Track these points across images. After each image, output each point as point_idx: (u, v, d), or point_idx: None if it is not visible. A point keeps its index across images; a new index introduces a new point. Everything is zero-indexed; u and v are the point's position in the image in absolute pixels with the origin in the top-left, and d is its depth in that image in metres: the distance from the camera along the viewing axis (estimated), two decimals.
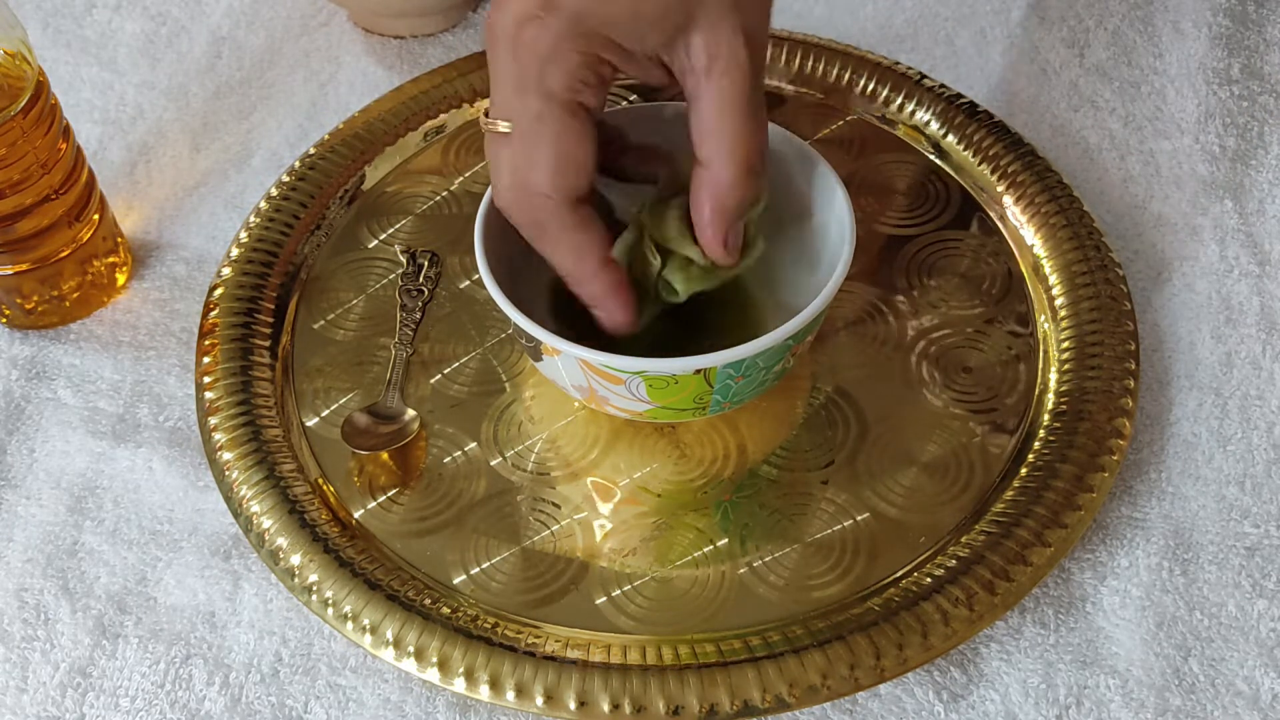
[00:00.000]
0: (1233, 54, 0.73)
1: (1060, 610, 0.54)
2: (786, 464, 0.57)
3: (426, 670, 0.51)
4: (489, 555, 0.55)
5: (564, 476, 0.57)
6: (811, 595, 0.53)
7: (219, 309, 0.62)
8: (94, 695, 0.53)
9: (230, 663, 0.53)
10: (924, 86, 0.69)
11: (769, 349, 0.50)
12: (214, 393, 0.59)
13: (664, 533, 0.55)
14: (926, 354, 0.60)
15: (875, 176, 0.67)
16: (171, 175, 0.71)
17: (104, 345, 0.64)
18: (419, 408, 0.59)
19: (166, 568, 0.56)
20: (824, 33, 0.74)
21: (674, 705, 0.49)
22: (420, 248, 0.66)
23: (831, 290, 0.51)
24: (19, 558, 0.57)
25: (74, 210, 0.61)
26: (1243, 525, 0.56)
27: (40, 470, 0.59)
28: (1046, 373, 0.59)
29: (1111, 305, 0.60)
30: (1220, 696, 0.51)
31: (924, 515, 0.55)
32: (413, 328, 0.62)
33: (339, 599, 0.53)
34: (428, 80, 0.72)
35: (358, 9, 0.77)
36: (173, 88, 0.76)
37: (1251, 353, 0.61)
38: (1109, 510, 0.56)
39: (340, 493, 0.57)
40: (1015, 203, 0.65)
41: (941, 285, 0.63)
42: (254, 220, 0.65)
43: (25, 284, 0.62)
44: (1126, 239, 0.66)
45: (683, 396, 0.52)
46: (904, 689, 0.52)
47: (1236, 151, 0.69)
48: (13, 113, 0.56)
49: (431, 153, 0.70)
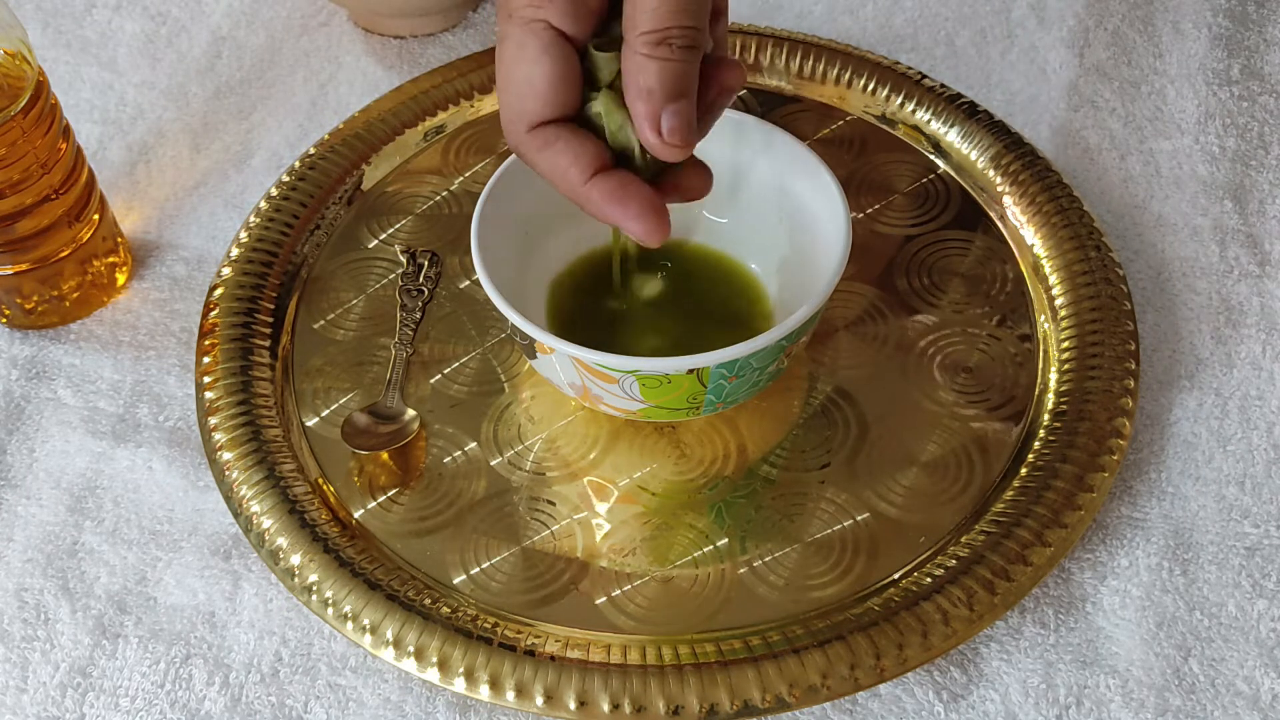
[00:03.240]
0: (1233, 54, 0.73)
1: (1060, 610, 0.54)
2: (786, 464, 0.57)
3: (426, 670, 0.51)
4: (489, 555, 0.55)
5: (564, 476, 0.57)
6: (811, 595, 0.53)
7: (219, 309, 0.62)
8: (94, 695, 0.53)
9: (230, 663, 0.53)
10: (924, 86, 0.69)
11: (762, 349, 0.50)
12: (214, 393, 0.59)
13: (664, 533, 0.55)
14: (926, 354, 0.60)
15: (875, 176, 0.67)
16: (171, 175, 0.71)
17: (104, 345, 0.64)
18: (419, 408, 0.59)
19: (166, 568, 0.56)
20: (824, 33, 0.74)
21: (674, 705, 0.49)
22: (420, 248, 0.66)
23: (826, 291, 0.51)
24: (19, 558, 0.57)
25: (74, 210, 0.61)
26: (1243, 525, 0.56)
27: (40, 470, 0.59)
28: (1046, 373, 0.59)
29: (1111, 305, 0.60)
30: (1220, 696, 0.51)
31: (924, 515, 0.55)
32: (413, 328, 0.62)
33: (339, 599, 0.53)
34: (428, 80, 0.72)
35: (358, 9, 0.77)
36: (173, 88, 0.76)
37: (1251, 353, 0.61)
38: (1109, 510, 0.56)
39: (340, 493, 0.57)
40: (1015, 203, 0.65)
41: (941, 285, 0.63)
42: (254, 220, 0.65)
43: (25, 284, 0.62)
44: (1126, 239, 0.66)
45: (676, 396, 0.52)
46: (904, 689, 0.52)
47: (1236, 152, 0.69)
48: (13, 113, 0.56)
49: (431, 153, 0.70)
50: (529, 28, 0.44)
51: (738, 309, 0.58)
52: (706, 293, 0.59)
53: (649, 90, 0.44)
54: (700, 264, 0.60)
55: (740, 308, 0.58)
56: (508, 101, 0.45)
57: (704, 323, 0.58)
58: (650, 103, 0.44)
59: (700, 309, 0.58)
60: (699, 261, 0.60)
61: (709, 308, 0.59)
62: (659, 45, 0.43)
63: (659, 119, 0.44)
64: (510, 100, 0.45)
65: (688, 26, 0.43)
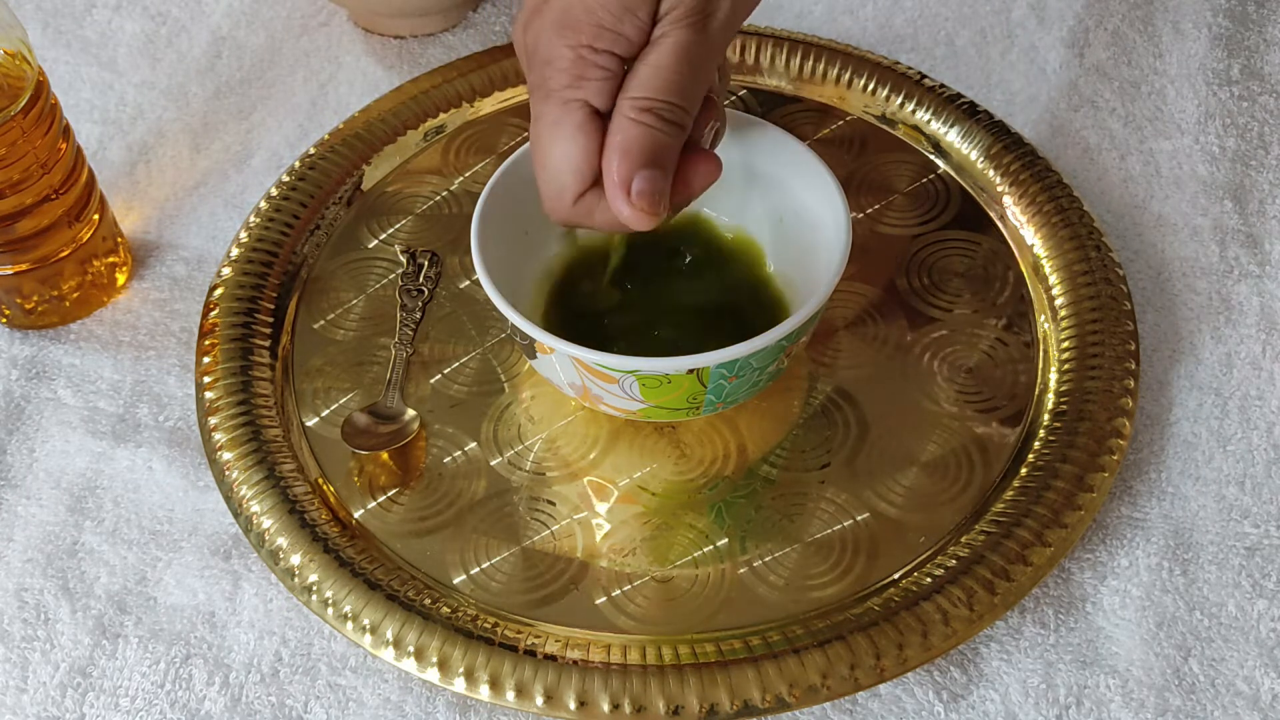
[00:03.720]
0: (1233, 54, 0.73)
1: (1060, 610, 0.54)
2: (786, 464, 0.57)
3: (426, 670, 0.51)
4: (489, 555, 0.55)
5: (564, 476, 0.57)
6: (811, 595, 0.53)
7: (219, 309, 0.62)
8: (94, 695, 0.53)
9: (230, 663, 0.53)
10: (924, 86, 0.69)
11: (762, 349, 0.50)
12: (214, 393, 0.59)
13: (664, 533, 0.55)
14: (926, 354, 0.60)
15: (875, 176, 0.67)
16: (171, 175, 0.71)
17: (104, 345, 0.64)
18: (419, 408, 0.59)
19: (166, 568, 0.56)
20: (824, 33, 0.74)
21: (674, 705, 0.49)
22: (420, 248, 0.66)
23: (826, 292, 0.51)
24: (19, 558, 0.57)
25: (74, 210, 0.61)
26: (1243, 525, 0.56)
27: (40, 470, 0.59)
28: (1046, 373, 0.59)
29: (1111, 305, 0.60)
30: (1220, 696, 0.51)
31: (924, 515, 0.55)
32: (413, 328, 0.62)
33: (339, 599, 0.53)
34: (428, 80, 0.72)
35: (358, 9, 0.77)
36: (173, 88, 0.76)
37: (1251, 353, 0.61)
38: (1109, 510, 0.56)
39: (340, 493, 0.57)
40: (1015, 203, 0.65)
41: (941, 285, 0.63)
42: (254, 220, 0.65)
43: (25, 284, 0.62)
44: (1126, 239, 0.66)
45: (676, 396, 0.52)
46: (904, 689, 0.52)
47: (1236, 152, 0.69)
48: (13, 113, 0.56)
49: (431, 153, 0.70)
50: (566, 107, 0.45)
51: (737, 309, 0.58)
52: (706, 293, 0.59)
53: (625, 150, 0.44)
54: (700, 264, 0.60)
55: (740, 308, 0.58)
56: (547, 179, 0.46)
57: (703, 323, 0.58)
58: (625, 163, 0.44)
59: (700, 309, 0.58)
60: (698, 261, 0.60)
61: (708, 308, 0.59)
62: (645, 112, 0.44)
63: (630, 182, 0.45)
64: (549, 177, 0.46)
65: (676, 104, 0.44)
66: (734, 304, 0.58)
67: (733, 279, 0.59)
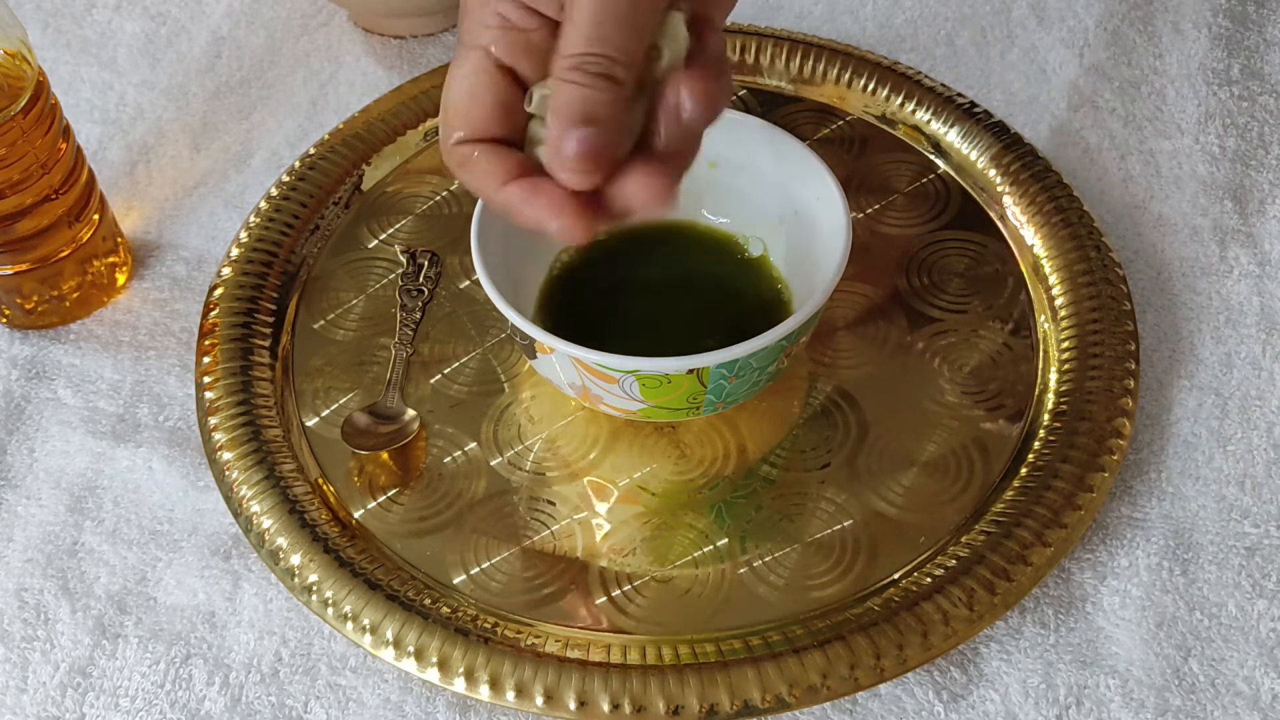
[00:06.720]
0: (1233, 54, 0.73)
1: (1060, 610, 0.54)
2: (786, 464, 0.57)
3: (426, 670, 0.51)
4: (489, 555, 0.55)
5: (564, 476, 0.57)
6: (811, 595, 0.53)
7: (219, 309, 0.62)
8: (94, 695, 0.53)
9: (230, 663, 0.53)
10: (924, 86, 0.69)
11: (762, 349, 0.50)
12: (214, 393, 0.59)
13: (663, 533, 0.55)
14: (926, 354, 0.60)
15: (875, 176, 0.67)
16: (171, 175, 0.71)
17: (104, 345, 0.64)
18: (419, 408, 0.59)
19: (166, 568, 0.56)
20: (824, 33, 0.74)
21: (674, 705, 0.49)
22: (420, 248, 0.66)
23: (826, 291, 0.51)
24: (19, 558, 0.57)
25: (74, 210, 0.61)
26: (1243, 525, 0.56)
27: (40, 470, 0.59)
28: (1046, 373, 0.59)
29: (1111, 305, 0.60)
30: (1220, 696, 0.51)
31: (924, 515, 0.55)
32: (413, 328, 0.62)
33: (339, 599, 0.53)
34: (428, 80, 0.72)
35: (358, 9, 0.77)
36: (173, 88, 0.76)
37: (1251, 353, 0.61)
38: (1109, 510, 0.56)
39: (340, 493, 0.57)
40: (1015, 203, 0.65)
41: (941, 285, 0.63)
42: (254, 220, 0.65)
43: (25, 284, 0.62)
44: (1126, 239, 0.66)
45: (676, 396, 0.52)
46: (904, 689, 0.52)
47: (1236, 152, 0.69)
48: (13, 113, 0.56)
49: (431, 153, 0.70)
50: (463, 53, 0.45)
51: (737, 309, 0.58)
52: (706, 293, 0.59)
53: (557, 111, 0.43)
54: (699, 264, 0.60)
55: (740, 308, 0.58)
56: (441, 118, 0.47)
57: (703, 323, 0.58)
58: (557, 124, 0.43)
59: (699, 309, 0.58)
60: (698, 261, 0.60)
61: (708, 308, 0.59)
62: (572, 70, 0.43)
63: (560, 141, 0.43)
64: (442, 116, 0.47)
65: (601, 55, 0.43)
66: (734, 304, 0.58)
67: (732, 279, 0.59)
